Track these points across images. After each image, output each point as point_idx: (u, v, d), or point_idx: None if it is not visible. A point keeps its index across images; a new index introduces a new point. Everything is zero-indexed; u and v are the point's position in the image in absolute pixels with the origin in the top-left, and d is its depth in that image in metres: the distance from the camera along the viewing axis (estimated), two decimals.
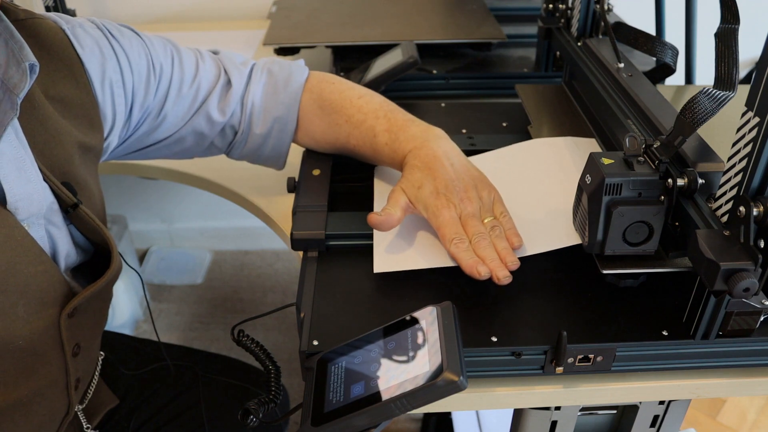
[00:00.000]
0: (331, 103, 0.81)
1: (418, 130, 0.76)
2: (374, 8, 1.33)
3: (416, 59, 0.99)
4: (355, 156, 0.82)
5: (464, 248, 0.66)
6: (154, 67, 0.75)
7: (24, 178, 0.61)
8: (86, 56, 0.69)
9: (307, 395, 0.55)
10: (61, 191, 0.65)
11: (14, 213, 0.60)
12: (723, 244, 0.53)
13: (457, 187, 0.70)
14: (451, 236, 0.67)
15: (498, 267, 0.65)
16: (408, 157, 0.74)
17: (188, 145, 0.81)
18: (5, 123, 0.59)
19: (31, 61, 0.61)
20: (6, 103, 0.60)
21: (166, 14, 1.65)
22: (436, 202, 0.69)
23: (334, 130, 0.81)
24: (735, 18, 0.55)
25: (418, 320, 0.56)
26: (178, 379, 0.95)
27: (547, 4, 1.07)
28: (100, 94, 0.70)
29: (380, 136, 0.77)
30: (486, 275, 0.64)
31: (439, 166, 0.71)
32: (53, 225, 0.66)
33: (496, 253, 0.66)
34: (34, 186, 0.62)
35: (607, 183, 0.59)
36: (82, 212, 0.66)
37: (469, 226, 0.68)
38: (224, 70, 0.81)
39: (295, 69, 0.83)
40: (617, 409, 0.71)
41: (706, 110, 0.57)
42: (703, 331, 0.59)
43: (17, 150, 0.61)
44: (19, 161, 0.61)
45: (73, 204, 0.66)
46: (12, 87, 0.60)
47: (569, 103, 0.96)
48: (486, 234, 0.68)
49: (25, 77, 0.60)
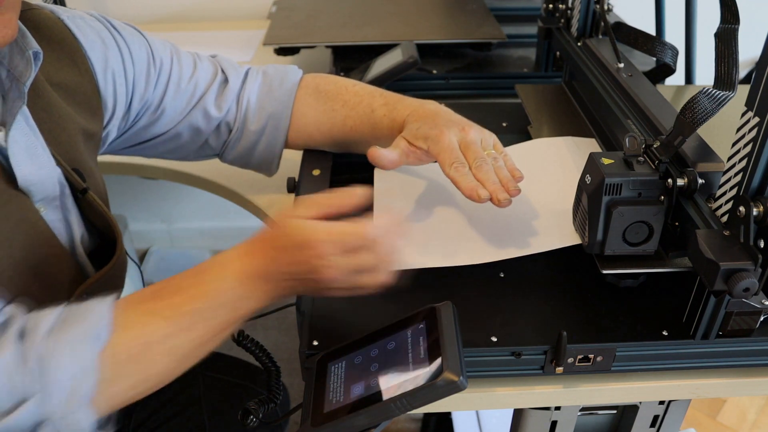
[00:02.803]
0: (327, 92, 0.82)
1: (414, 100, 0.78)
2: (374, 8, 1.33)
3: (416, 59, 0.99)
4: (352, 140, 0.82)
5: (464, 172, 0.65)
6: (154, 60, 0.76)
7: (37, 164, 0.63)
8: (88, 45, 0.70)
9: (307, 395, 0.55)
10: (72, 176, 0.67)
11: (28, 196, 0.62)
12: (723, 244, 0.53)
13: (459, 122, 0.71)
14: (451, 160, 0.66)
15: (498, 190, 0.64)
16: (407, 119, 0.75)
17: (184, 141, 0.82)
18: (15, 111, 0.61)
19: (34, 48, 0.62)
20: (14, 92, 0.61)
21: (166, 14, 1.65)
22: (435, 130, 0.69)
23: (330, 116, 0.81)
24: (735, 18, 0.55)
25: (418, 320, 0.56)
26: (179, 377, 0.95)
27: (547, 4, 1.07)
28: (102, 82, 0.71)
29: (378, 110, 0.78)
30: (486, 198, 0.63)
31: (437, 115, 0.72)
32: (66, 209, 0.67)
33: (496, 178, 0.66)
34: (47, 171, 0.64)
35: (607, 183, 0.59)
36: (91, 197, 0.68)
37: (470, 151, 0.68)
38: (221, 69, 0.82)
39: (290, 70, 0.85)
40: (617, 409, 0.71)
41: (706, 110, 0.57)
42: (703, 331, 0.59)
43: (29, 137, 0.62)
44: (32, 148, 0.62)
45: (83, 189, 0.67)
46: (18, 75, 0.61)
47: (569, 103, 0.96)
48: (487, 159, 0.67)
49: (30, 65, 0.61)
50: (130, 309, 0.56)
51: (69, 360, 0.52)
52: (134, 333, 0.55)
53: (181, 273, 0.58)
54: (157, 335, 0.55)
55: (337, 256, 0.54)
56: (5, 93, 0.62)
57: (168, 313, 0.55)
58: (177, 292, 0.56)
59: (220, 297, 0.56)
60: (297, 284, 0.57)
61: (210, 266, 0.57)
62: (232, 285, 0.56)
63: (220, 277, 0.56)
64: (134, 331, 0.55)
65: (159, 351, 0.55)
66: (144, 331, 0.55)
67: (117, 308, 0.55)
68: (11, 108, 0.61)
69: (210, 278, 0.57)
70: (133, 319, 0.55)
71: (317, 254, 0.54)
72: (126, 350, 0.54)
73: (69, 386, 0.52)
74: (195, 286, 0.56)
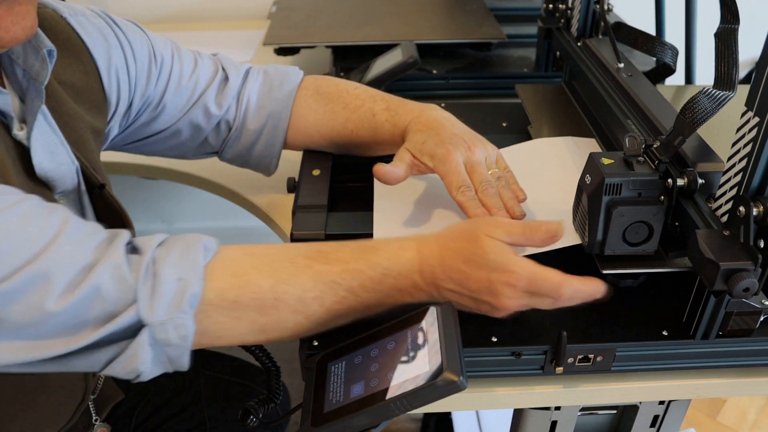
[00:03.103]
0: (328, 94, 0.82)
1: (415, 104, 0.78)
2: (374, 8, 1.33)
3: (416, 59, 0.99)
4: (352, 143, 0.82)
5: (471, 196, 0.67)
6: (156, 57, 0.76)
7: (56, 161, 0.64)
8: (91, 43, 0.70)
9: (307, 395, 0.55)
10: (90, 172, 0.68)
11: (50, 189, 0.64)
12: (723, 244, 0.53)
13: (463, 138, 0.71)
14: (459, 184, 0.68)
15: (504, 216, 0.65)
16: (409, 126, 0.75)
17: (184, 138, 0.82)
18: (35, 110, 0.62)
19: (48, 47, 0.62)
20: (32, 91, 0.62)
21: (166, 14, 1.65)
22: (442, 149, 0.69)
23: (330, 118, 0.81)
24: (735, 18, 0.55)
25: (418, 320, 0.56)
26: (180, 376, 0.95)
27: (547, 4, 1.07)
28: (107, 80, 0.72)
29: (380, 114, 0.78)
30: None
31: (441, 126, 0.72)
32: (83, 205, 0.68)
33: (501, 203, 0.67)
34: (66, 168, 0.65)
35: (607, 183, 0.59)
36: (107, 194, 0.69)
37: (476, 173, 0.69)
38: (222, 67, 0.82)
39: (291, 71, 0.85)
40: (617, 409, 0.71)
41: (706, 110, 0.57)
42: (703, 331, 0.59)
43: (48, 135, 0.64)
44: (51, 145, 0.64)
45: (100, 184, 0.68)
46: (35, 75, 0.62)
47: (569, 103, 0.96)
48: (492, 182, 0.68)
49: (45, 64, 0.62)
50: (278, 260, 0.57)
51: (177, 261, 0.53)
52: (263, 277, 0.56)
53: (340, 243, 0.59)
54: (295, 291, 0.56)
55: (524, 293, 0.56)
56: (23, 92, 0.63)
57: (316, 276, 0.56)
58: (337, 261, 0.57)
59: (384, 282, 0.57)
60: (463, 299, 0.58)
61: (383, 247, 0.58)
62: (398, 275, 0.57)
63: (393, 263, 0.57)
64: (263, 274, 0.56)
65: (289, 304, 0.56)
66: (276, 278, 0.56)
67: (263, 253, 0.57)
68: (31, 107, 0.62)
69: (381, 259, 0.57)
70: (271, 266, 0.56)
71: (509, 283, 0.55)
72: (242, 291, 0.55)
73: (175, 288, 0.52)
74: (361, 260, 0.57)
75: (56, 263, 0.50)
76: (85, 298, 0.50)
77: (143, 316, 0.51)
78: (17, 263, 0.48)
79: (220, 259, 0.56)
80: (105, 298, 0.51)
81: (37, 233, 0.50)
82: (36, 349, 0.51)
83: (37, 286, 0.49)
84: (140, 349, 0.52)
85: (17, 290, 0.49)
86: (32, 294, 0.49)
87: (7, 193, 0.51)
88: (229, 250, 0.58)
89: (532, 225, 0.58)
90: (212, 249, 0.56)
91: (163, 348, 0.53)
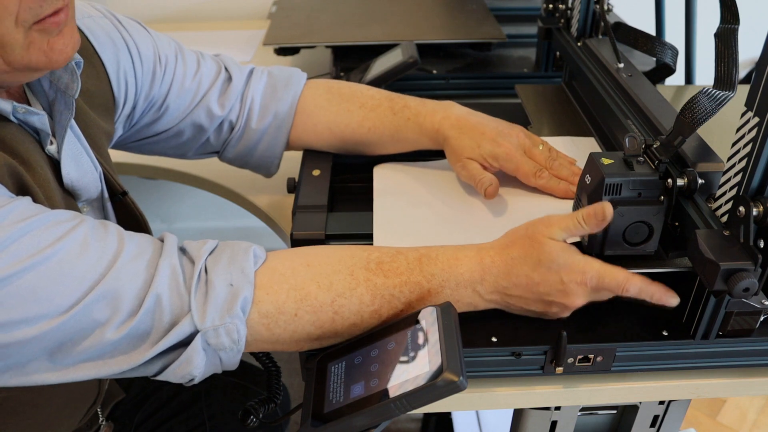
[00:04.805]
0: (341, 93, 0.83)
1: (434, 103, 0.80)
2: (374, 8, 1.33)
3: (416, 59, 0.99)
4: (366, 141, 0.82)
5: (548, 176, 0.73)
6: (160, 58, 0.77)
7: (81, 171, 0.64)
8: (100, 47, 0.70)
9: (307, 395, 0.55)
10: (113, 179, 0.69)
11: (74, 197, 0.65)
12: (723, 244, 0.53)
13: (503, 131, 0.74)
14: (533, 170, 0.73)
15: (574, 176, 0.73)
16: (442, 128, 0.76)
17: (186, 138, 0.82)
18: (65, 124, 0.62)
19: (76, 59, 0.62)
20: (60, 104, 0.62)
21: (166, 14, 1.65)
22: (501, 149, 0.73)
23: (345, 116, 0.82)
24: (735, 18, 0.55)
25: (418, 320, 0.56)
26: None
27: (547, 4, 1.07)
28: (116, 83, 0.72)
29: (400, 113, 0.79)
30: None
31: (478, 124, 0.75)
32: (106, 211, 0.69)
33: (570, 170, 0.74)
34: (91, 176, 0.66)
35: (607, 183, 0.59)
36: (129, 200, 0.69)
37: (536, 155, 0.74)
38: (225, 67, 0.82)
39: (295, 72, 0.85)
40: (617, 409, 0.71)
41: (706, 110, 0.57)
42: (703, 331, 0.59)
43: (75, 145, 0.64)
44: (77, 155, 0.64)
45: (123, 191, 0.69)
46: (64, 88, 0.62)
47: (569, 103, 0.96)
48: (552, 155, 0.75)
49: (75, 76, 0.61)
50: (336, 272, 0.57)
51: (227, 267, 0.54)
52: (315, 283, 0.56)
53: (396, 251, 0.59)
54: (354, 306, 0.57)
55: (592, 290, 0.58)
56: (50, 105, 0.63)
57: (375, 289, 0.57)
58: (393, 273, 0.57)
59: (441, 293, 0.58)
60: (531, 303, 0.59)
61: (439, 256, 0.59)
62: (456, 286, 0.58)
63: (450, 274, 0.58)
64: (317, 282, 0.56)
65: (346, 317, 0.57)
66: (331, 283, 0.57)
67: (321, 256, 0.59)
68: (60, 120, 0.62)
69: (438, 270, 0.58)
70: (330, 278, 0.57)
71: (582, 282, 0.57)
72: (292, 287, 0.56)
73: (226, 293, 0.53)
74: (417, 271, 0.58)
75: (121, 283, 0.51)
76: (148, 311, 0.51)
77: (196, 322, 0.52)
78: (83, 289, 0.50)
79: (275, 268, 0.57)
80: (164, 309, 0.52)
81: (98, 257, 0.51)
82: (101, 368, 0.52)
83: (104, 307, 0.50)
84: (194, 355, 0.53)
85: (86, 314, 0.50)
86: (99, 316, 0.50)
87: (63, 220, 0.52)
88: (284, 260, 0.58)
89: (582, 214, 0.58)
90: (261, 256, 0.58)
91: (216, 352, 0.54)
